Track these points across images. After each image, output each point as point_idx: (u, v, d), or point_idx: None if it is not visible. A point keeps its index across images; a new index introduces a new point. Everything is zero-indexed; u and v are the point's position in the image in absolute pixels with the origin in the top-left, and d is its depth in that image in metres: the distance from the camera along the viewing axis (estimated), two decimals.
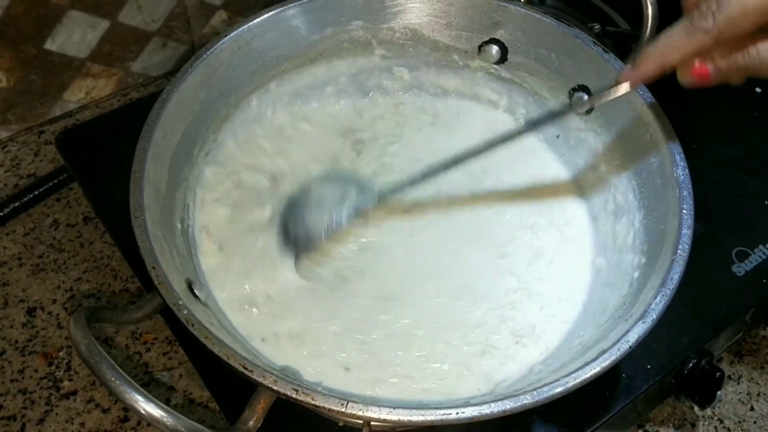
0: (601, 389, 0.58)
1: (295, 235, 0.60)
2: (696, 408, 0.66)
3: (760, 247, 0.68)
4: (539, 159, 0.70)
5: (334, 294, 0.59)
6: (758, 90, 0.82)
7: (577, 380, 0.45)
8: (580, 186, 0.68)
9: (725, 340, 0.66)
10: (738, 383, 0.68)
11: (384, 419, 0.42)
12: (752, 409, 0.67)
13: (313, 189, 0.62)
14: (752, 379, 0.68)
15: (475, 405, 0.43)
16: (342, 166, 0.68)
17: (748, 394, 0.67)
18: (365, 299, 0.59)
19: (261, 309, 0.58)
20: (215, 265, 0.59)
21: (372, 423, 0.50)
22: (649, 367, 0.60)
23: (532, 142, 0.71)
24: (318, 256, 0.61)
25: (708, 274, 0.65)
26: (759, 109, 0.80)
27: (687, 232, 0.51)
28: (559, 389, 0.44)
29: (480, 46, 0.69)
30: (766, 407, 0.67)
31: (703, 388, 0.61)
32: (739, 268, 0.66)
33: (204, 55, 0.60)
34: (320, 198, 0.61)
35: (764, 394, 0.67)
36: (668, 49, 0.48)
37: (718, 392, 0.61)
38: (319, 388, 0.44)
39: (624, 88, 0.52)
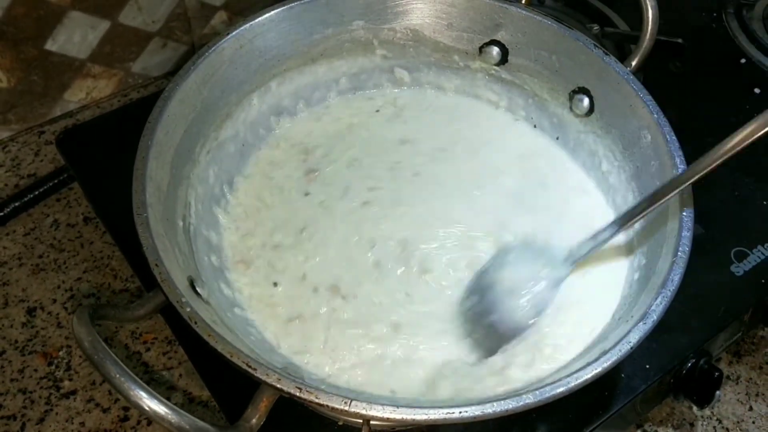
0: (600, 389, 0.59)
1: (500, 330, 0.56)
2: (695, 408, 0.67)
3: (759, 247, 0.68)
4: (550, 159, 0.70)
5: None
6: (757, 91, 0.82)
7: (579, 380, 0.45)
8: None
9: (724, 340, 0.66)
10: (737, 383, 0.68)
11: (388, 418, 0.42)
12: (751, 409, 0.67)
13: (498, 273, 0.59)
14: (751, 379, 0.69)
15: (477, 404, 0.43)
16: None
17: (746, 394, 0.68)
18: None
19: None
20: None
21: (372, 423, 0.50)
22: (647, 366, 0.60)
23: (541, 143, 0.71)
24: None
25: (707, 274, 0.65)
26: (757, 109, 0.80)
27: (687, 234, 0.51)
28: (561, 389, 0.44)
29: (481, 48, 0.70)
30: (765, 407, 0.67)
31: (702, 388, 0.62)
32: (738, 268, 0.66)
33: (206, 53, 0.61)
34: (512, 282, 0.58)
35: (762, 395, 0.68)
36: None
37: (717, 392, 0.61)
38: (322, 387, 0.44)
39: None
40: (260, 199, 0.66)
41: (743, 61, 0.85)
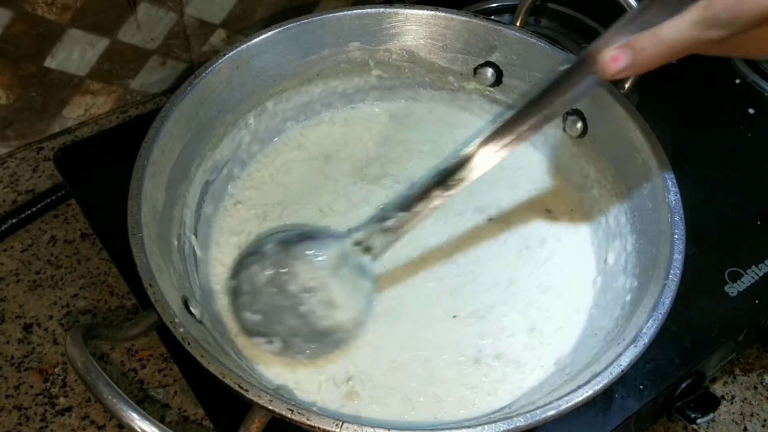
0: (594, 409, 0.59)
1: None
2: (689, 428, 0.67)
3: (753, 267, 0.68)
4: (534, 170, 0.71)
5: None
6: (751, 111, 0.83)
7: (570, 403, 0.45)
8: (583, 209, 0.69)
9: (718, 360, 0.66)
10: (731, 403, 0.69)
11: None
12: (745, 429, 0.67)
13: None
14: (745, 399, 0.69)
15: (468, 427, 0.43)
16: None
17: (741, 414, 0.68)
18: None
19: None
20: None
21: None
22: (641, 387, 0.60)
23: (528, 156, 0.72)
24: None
25: (701, 294, 0.66)
26: (752, 130, 0.81)
27: (678, 257, 0.52)
28: (552, 412, 0.45)
29: (475, 69, 0.70)
30: (760, 427, 0.67)
31: (696, 408, 0.62)
32: (732, 289, 0.67)
33: (203, 74, 0.61)
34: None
35: (757, 414, 0.68)
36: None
37: (712, 413, 0.61)
38: (314, 408, 0.44)
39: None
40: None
41: (738, 81, 0.86)
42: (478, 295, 0.62)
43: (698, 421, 0.62)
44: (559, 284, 0.63)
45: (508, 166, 0.71)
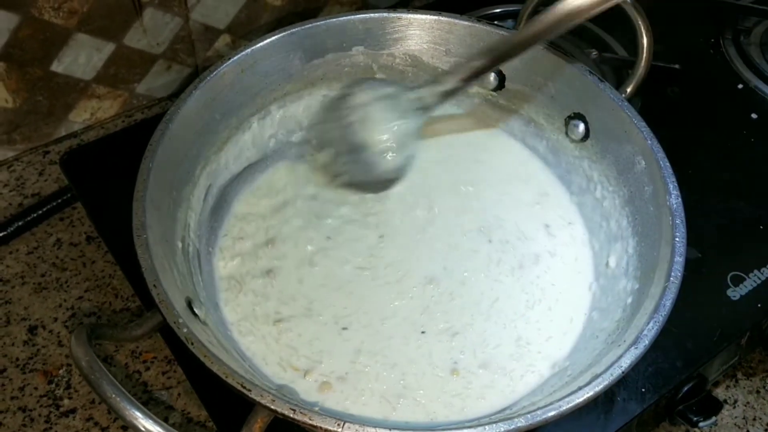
0: (596, 412, 0.59)
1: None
2: (691, 429, 0.67)
3: (755, 271, 0.68)
4: (539, 181, 0.71)
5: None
6: (754, 116, 0.83)
7: (570, 404, 0.45)
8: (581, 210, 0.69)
9: (720, 364, 0.66)
10: (734, 407, 0.68)
11: None
12: None
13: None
14: (748, 403, 0.69)
15: (469, 427, 0.44)
16: None
17: (743, 418, 0.68)
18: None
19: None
20: None
21: None
22: (643, 390, 0.60)
23: (532, 165, 0.72)
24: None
25: (703, 298, 0.66)
26: (754, 134, 0.81)
27: (679, 260, 0.52)
28: (552, 413, 0.45)
29: None
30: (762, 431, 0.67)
31: (698, 412, 0.62)
32: (734, 293, 0.67)
33: (208, 78, 0.62)
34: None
35: (760, 419, 0.68)
36: None
37: (714, 416, 0.61)
38: (316, 408, 0.44)
39: None
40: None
41: (740, 86, 0.86)
42: (452, 314, 0.61)
43: (700, 424, 0.62)
44: (551, 297, 0.63)
45: (515, 180, 0.71)
